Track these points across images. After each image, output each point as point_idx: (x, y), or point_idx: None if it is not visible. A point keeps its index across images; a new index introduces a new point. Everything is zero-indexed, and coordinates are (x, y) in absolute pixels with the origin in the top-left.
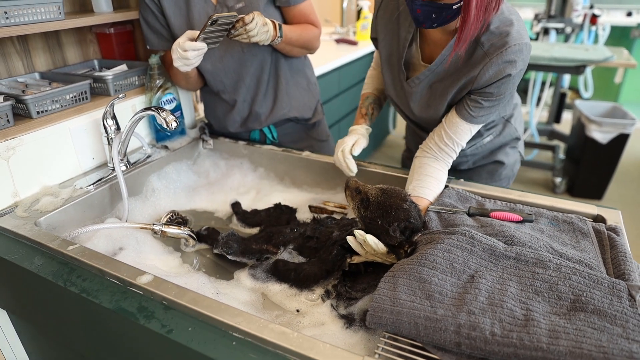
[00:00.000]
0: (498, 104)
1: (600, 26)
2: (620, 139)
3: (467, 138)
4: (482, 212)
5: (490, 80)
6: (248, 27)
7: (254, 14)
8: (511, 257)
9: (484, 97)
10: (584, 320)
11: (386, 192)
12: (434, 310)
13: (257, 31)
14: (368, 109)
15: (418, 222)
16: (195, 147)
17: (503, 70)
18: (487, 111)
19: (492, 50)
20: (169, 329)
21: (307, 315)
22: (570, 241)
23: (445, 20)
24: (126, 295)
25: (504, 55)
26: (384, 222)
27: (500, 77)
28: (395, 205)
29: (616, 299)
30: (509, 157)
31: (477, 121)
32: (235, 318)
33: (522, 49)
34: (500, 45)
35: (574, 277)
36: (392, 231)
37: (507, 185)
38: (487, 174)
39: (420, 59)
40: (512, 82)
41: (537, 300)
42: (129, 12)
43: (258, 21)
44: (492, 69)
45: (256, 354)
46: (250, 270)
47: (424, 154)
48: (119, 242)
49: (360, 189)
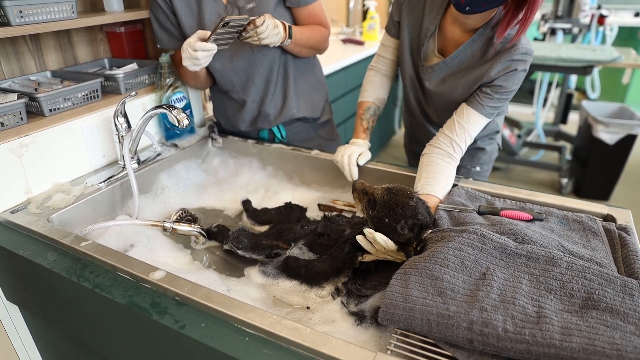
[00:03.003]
0: (505, 98)
1: (608, 26)
2: (628, 140)
3: (477, 130)
4: (492, 210)
5: (498, 74)
6: (259, 30)
7: (265, 16)
8: (522, 255)
9: (493, 89)
10: (597, 318)
11: (392, 191)
12: (446, 306)
13: (268, 34)
14: (369, 122)
15: (427, 218)
16: (204, 146)
17: (510, 66)
18: (496, 103)
19: (502, 50)
20: (182, 325)
21: (317, 312)
22: (581, 240)
23: (492, 6)
24: (139, 291)
25: (512, 54)
26: (391, 220)
27: (507, 71)
28: (402, 203)
29: (628, 297)
30: (488, 145)
31: (487, 112)
32: (248, 314)
33: (527, 52)
34: (510, 47)
35: (585, 275)
36: (400, 228)
37: (486, 169)
38: (468, 156)
39: (435, 50)
40: (518, 77)
41: (549, 298)
42: (140, 12)
43: (269, 24)
44: (500, 65)
45: (269, 349)
46: (260, 267)
47: (433, 149)
48: (130, 239)
49: (367, 190)
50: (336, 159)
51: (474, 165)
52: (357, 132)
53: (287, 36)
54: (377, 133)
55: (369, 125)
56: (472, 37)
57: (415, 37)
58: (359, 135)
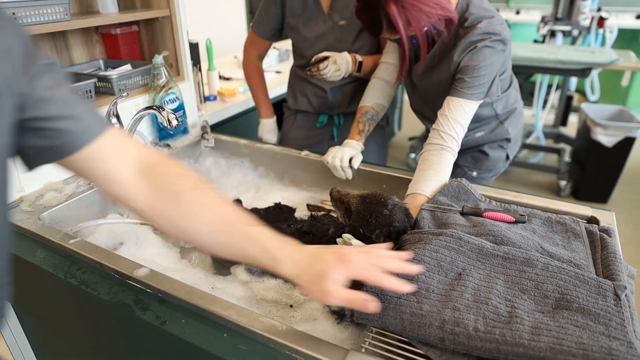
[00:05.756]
0: (478, 76)
1: (608, 29)
2: (626, 143)
3: (463, 115)
4: (475, 211)
5: (460, 57)
6: (322, 72)
7: (328, 62)
8: (499, 256)
9: (462, 72)
10: (568, 318)
11: (366, 200)
12: (419, 305)
13: (330, 75)
14: (365, 126)
15: (404, 223)
16: (197, 146)
17: (468, 46)
18: (471, 84)
19: (462, 35)
20: (163, 321)
21: (299, 310)
22: (562, 242)
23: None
24: (124, 287)
25: (470, 36)
26: (366, 230)
27: (468, 50)
28: (376, 212)
29: (601, 298)
30: (494, 152)
31: (466, 95)
32: (226, 311)
33: (488, 32)
34: (467, 31)
35: (560, 276)
36: (375, 237)
37: (488, 178)
38: (471, 158)
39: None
40: (482, 53)
41: (522, 298)
42: (135, 13)
43: (331, 68)
44: (461, 47)
45: (246, 345)
46: (246, 266)
47: (425, 147)
48: (120, 237)
49: (342, 199)
50: (326, 160)
51: (471, 169)
52: (352, 134)
53: (355, 70)
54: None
55: (364, 128)
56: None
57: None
58: (353, 136)
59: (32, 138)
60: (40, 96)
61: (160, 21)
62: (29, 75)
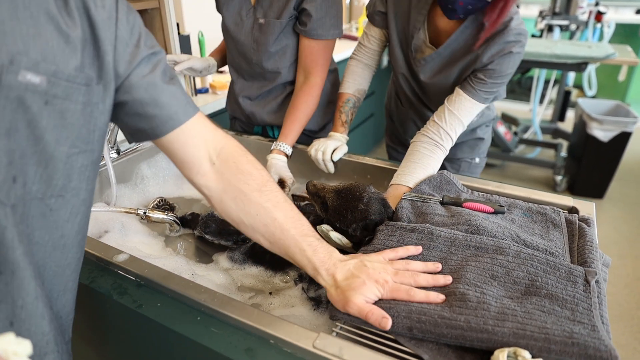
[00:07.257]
0: (499, 82)
1: (606, 23)
2: (622, 137)
3: (469, 117)
4: (455, 201)
5: (492, 58)
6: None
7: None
8: (471, 245)
9: (487, 74)
10: (535, 304)
11: (341, 195)
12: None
13: None
14: (348, 116)
15: (382, 214)
16: None
17: (504, 48)
18: (490, 88)
19: (494, 33)
20: (139, 304)
21: (278, 296)
22: (540, 231)
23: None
24: (103, 273)
25: (505, 36)
26: (342, 225)
27: (502, 54)
28: (351, 207)
29: (571, 284)
30: (486, 133)
31: (480, 97)
32: (200, 294)
33: (521, 32)
34: (501, 30)
35: (531, 263)
36: (352, 231)
37: (483, 159)
38: (468, 148)
39: (427, 41)
40: (513, 60)
41: (492, 285)
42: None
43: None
44: (494, 48)
45: (218, 328)
46: (228, 253)
47: (420, 137)
48: (105, 226)
49: (319, 193)
50: (310, 153)
51: (473, 157)
52: (336, 126)
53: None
54: (370, 129)
55: (347, 119)
56: (464, 24)
57: (404, 29)
58: (337, 128)
59: (125, 118)
60: (133, 82)
61: (150, 13)
62: (135, 62)
